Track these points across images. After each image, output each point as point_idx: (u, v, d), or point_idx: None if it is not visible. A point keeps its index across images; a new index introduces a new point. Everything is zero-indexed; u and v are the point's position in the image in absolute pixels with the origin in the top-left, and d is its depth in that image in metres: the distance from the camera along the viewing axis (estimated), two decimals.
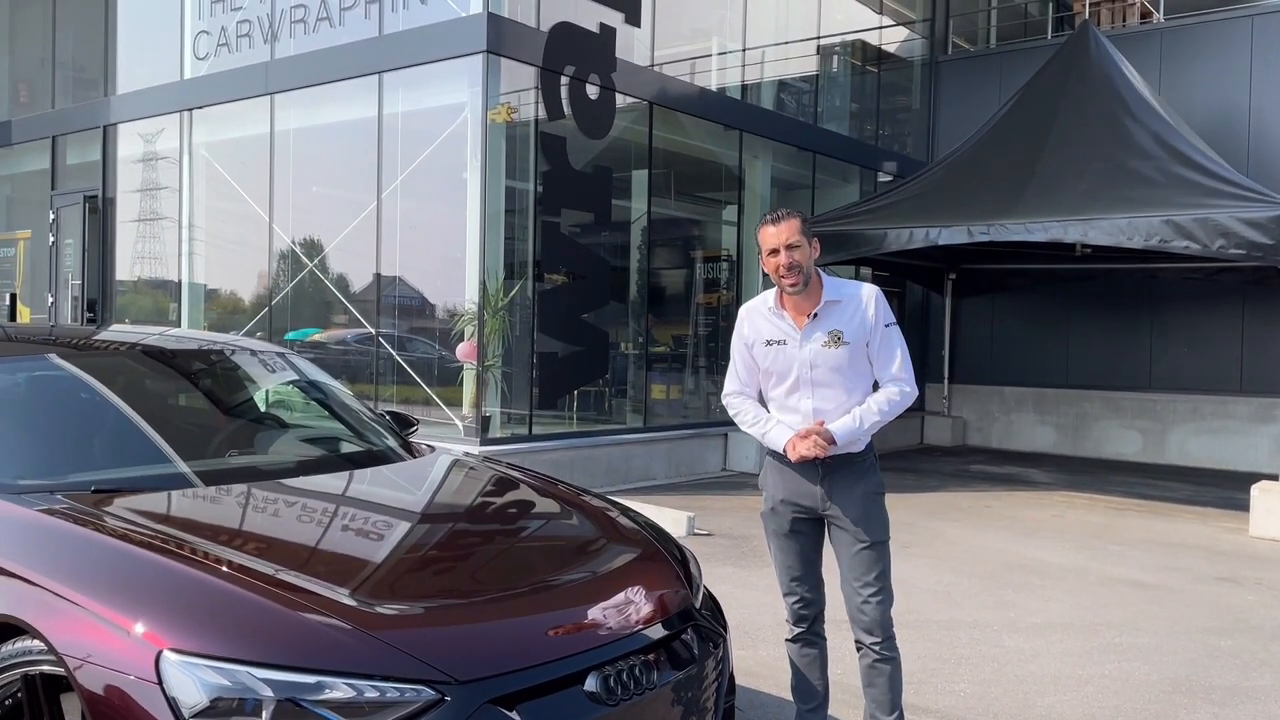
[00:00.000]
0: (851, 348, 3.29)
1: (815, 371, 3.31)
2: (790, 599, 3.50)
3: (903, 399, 3.32)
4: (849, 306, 3.32)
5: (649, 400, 10.65)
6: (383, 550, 3.04)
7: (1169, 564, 7.03)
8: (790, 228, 3.28)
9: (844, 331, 3.29)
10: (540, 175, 9.13)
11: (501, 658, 2.48)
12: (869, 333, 3.30)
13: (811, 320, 3.31)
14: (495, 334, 8.98)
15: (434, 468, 3.92)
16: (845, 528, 3.32)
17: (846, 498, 3.32)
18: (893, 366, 3.33)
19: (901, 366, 3.33)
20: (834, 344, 3.29)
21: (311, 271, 10.40)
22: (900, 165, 13.69)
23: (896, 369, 3.33)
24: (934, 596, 5.97)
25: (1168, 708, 4.32)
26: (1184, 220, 8.36)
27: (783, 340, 3.36)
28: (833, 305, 3.32)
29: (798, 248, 3.26)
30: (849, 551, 3.32)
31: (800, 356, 3.32)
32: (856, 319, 3.30)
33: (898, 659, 3.37)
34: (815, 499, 3.35)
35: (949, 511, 8.84)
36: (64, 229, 12.94)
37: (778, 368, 3.37)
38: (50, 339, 4.26)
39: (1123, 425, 13.01)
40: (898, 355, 3.34)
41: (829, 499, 3.33)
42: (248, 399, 4.27)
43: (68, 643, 2.36)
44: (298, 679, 2.26)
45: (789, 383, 3.36)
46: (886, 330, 3.32)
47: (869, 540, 3.30)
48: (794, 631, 3.52)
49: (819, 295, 3.32)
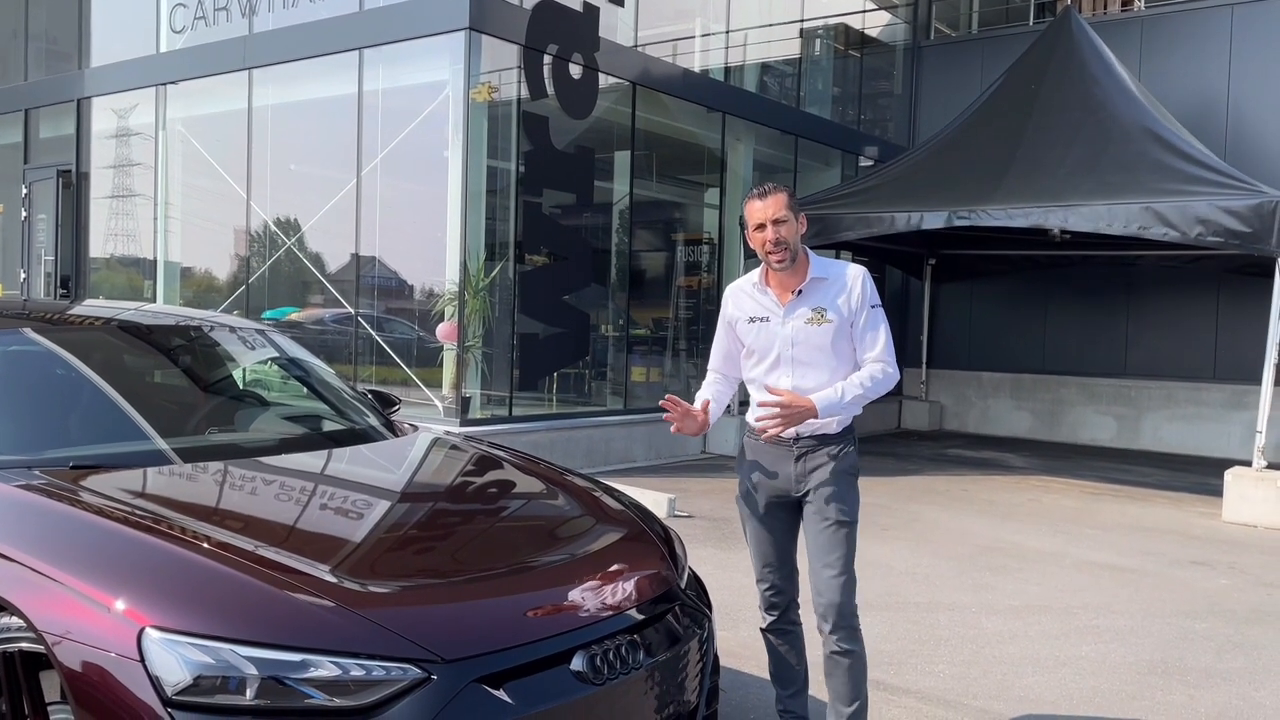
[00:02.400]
0: (835, 326, 3.22)
1: (797, 349, 3.25)
2: (762, 586, 3.43)
3: (885, 379, 3.25)
4: (835, 285, 3.26)
5: (629, 382, 10.64)
6: (367, 529, 3.01)
7: (1144, 548, 7.11)
8: (777, 202, 3.20)
9: (828, 309, 3.23)
10: (522, 155, 9.07)
11: (488, 637, 2.46)
12: (854, 312, 3.24)
13: (796, 297, 3.25)
14: (476, 315, 8.93)
15: (417, 447, 3.89)
16: (815, 505, 3.27)
17: (820, 476, 3.26)
18: (876, 348, 3.27)
19: (885, 348, 3.27)
20: (818, 321, 3.23)
21: (289, 250, 10.30)
22: (882, 150, 13.70)
23: (879, 350, 3.27)
24: (912, 579, 6.00)
25: (1144, 689, 4.37)
26: (1163, 208, 8.42)
27: (765, 317, 3.30)
28: (818, 283, 3.26)
29: (784, 223, 3.19)
30: (815, 529, 3.27)
31: (782, 333, 3.26)
32: (841, 297, 3.24)
33: (858, 652, 3.27)
34: (789, 481, 3.29)
35: (927, 495, 8.89)
36: (37, 204, 12.74)
37: (759, 345, 3.31)
38: (24, 314, 4.18)
39: (1098, 411, 13.13)
40: (881, 337, 3.27)
41: (804, 479, 3.27)
42: (227, 376, 4.21)
43: (47, 619, 2.32)
44: (282, 657, 2.23)
45: (769, 360, 3.30)
46: (872, 311, 3.26)
47: (834, 519, 3.24)
48: (767, 620, 3.45)
49: (805, 272, 3.26)
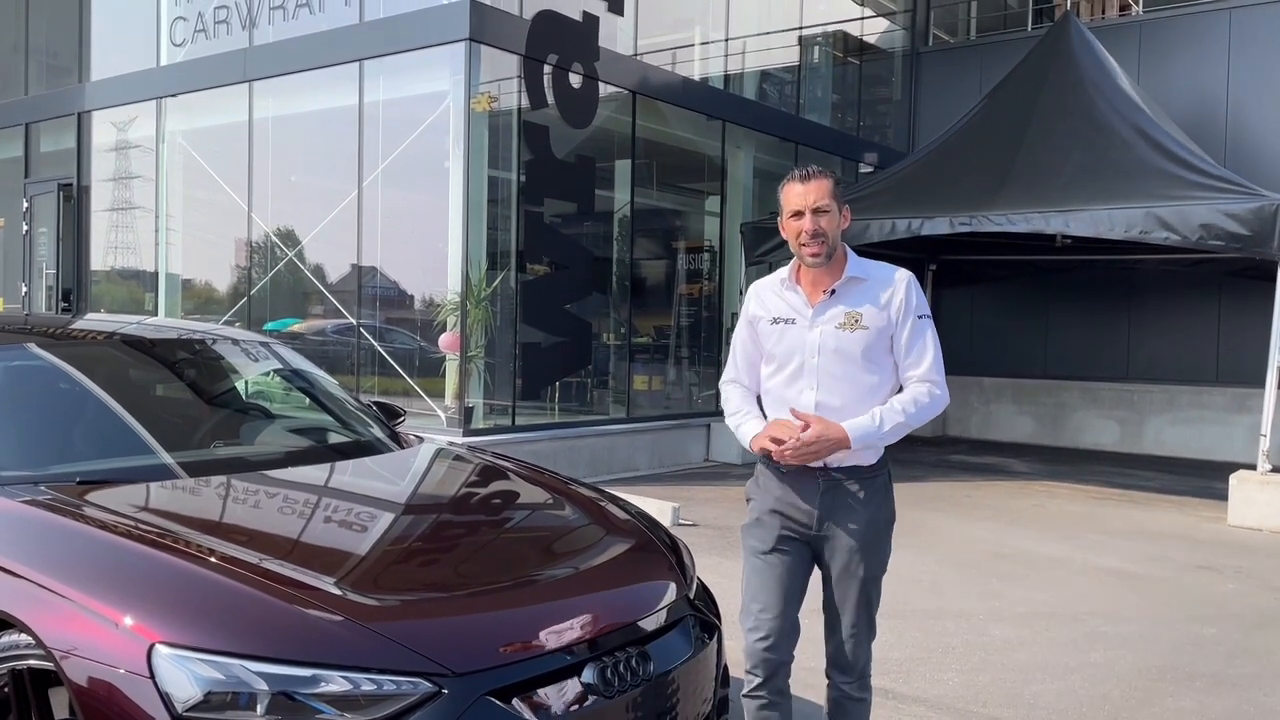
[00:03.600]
0: (870, 334, 2.80)
1: (823, 358, 2.81)
2: (755, 635, 2.86)
3: (932, 402, 2.81)
4: (875, 287, 2.84)
5: (631, 391, 10.63)
6: (375, 542, 3.00)
7: (1150, 553, 7.09)
8: (820, 188, 2.80)
9: (864, 314, 2.80)
10: (523, 164, 9.07)
11: (498, 650, 2.46)
12: (895, 322, 2.81)
13: (828, 297, 2.84)
14: (478, 324, 8.93)
15: (422, 458, 3.88)
16: (838, 556, 2.85)
17: (847, 521, 2.83)
18: (923, 365, 2.82)
19: (933, 365, 2.82)
20: (850, 326, 2.80)
21: (291, 261, 10.30)
22: (881, 156, 13.71)
23: (927, 368, 2.81)
24: (920, 586, 5.99)
25: (1153, 695, 4.35)
26: (1164, 212, 8.43)
27: (790, 318, 2.87)
28: (856, 283, 2.84)
29: (826, 213, 2.79)
30: (842, 587, 2.87)
31: (808, 338, 2.83)
32: (881, 302, 2.82)
33: (868, 701, 2.96)
34: (810, 517, 2.84)
35: (932, 501, 8.88)
36: (38, 217, 12.75)
37: (780, 350, 2.88)
38: (27, 328, 4.18)
39: (1101, 415, 13.12)
40: (930, 352, 2.82)
41: (827, 520, 2.84)
42: (232, 389, 4.21)
43: (56, 636, 2.31)
44: (292, 672, 2.23)
45: (790, 369, 2.86)
46: (919, 321, 2.82)
47: (864, 575, 2.84)
48: (752, 683, 2.88)
49: (841, 270, 2.85)
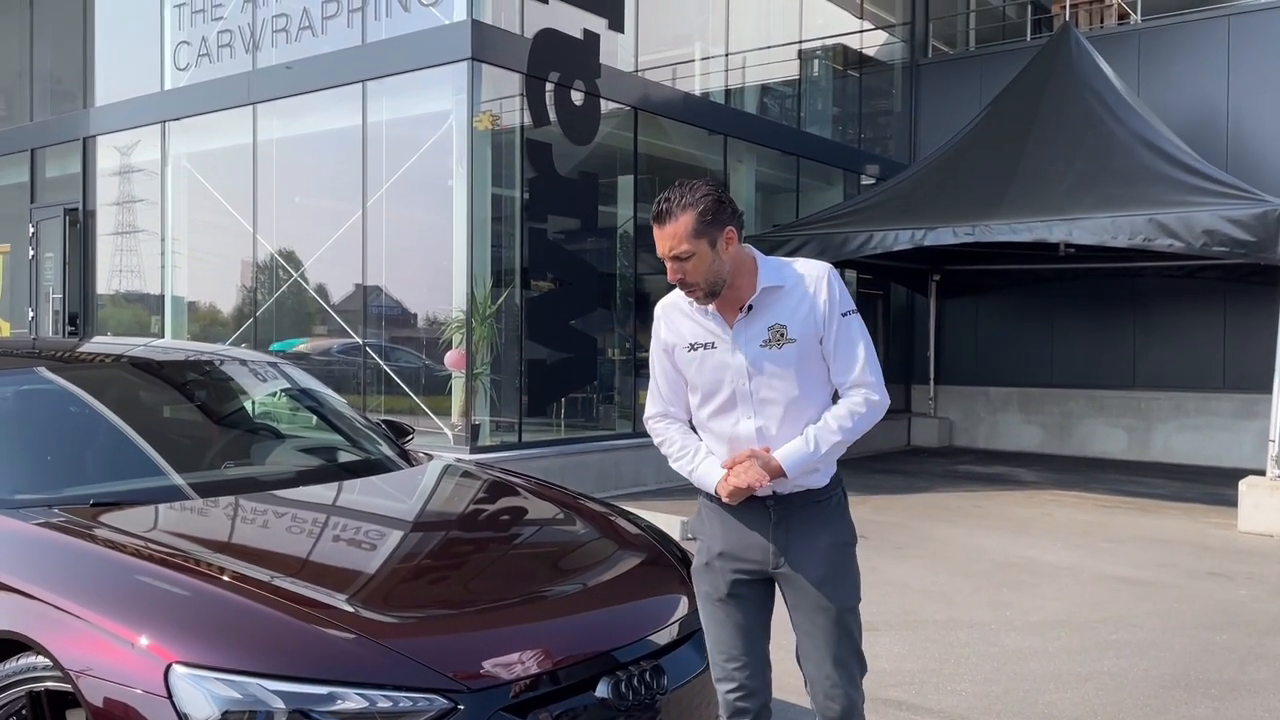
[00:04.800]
0: (800, 346, 2.50)
1: (755, 382, 2.52)
2: (725, 687, 2.63)
3: (869, 410, 2.52)
4: (793, 293, 2.52)
5: (637, 406, 10.63)
6: (387, 559, 3.02)
7: (1161, 560, 7.07)
8: (678, 230, 2.41)
9: (788, 325, 2.50)
10: (526, 182, 9.11)
11: (512, 665, 2.47)
12: (821, 324, 2.50)
13: (745, 315, 2.52)
14: (483, 342, 8.95)
15: (432, 475, 3.90)
16: (804, 591, 2.56)
17: (806, 551, 2.56)
18: (854, 368, 2.52)
19: (865, 367, 2.52)
20: (777, 342, 2.50)
21: (296, 282, 10.34)
22: (883, 168, 13.74)
23: (859, 371, 2.52)
24: (930, 597, 5.98)
25: (1167, 703, 4.34)
26: (1167, 218, 8.44)
27: (709, 343, 2.56)
28: (772, 293, 2.52)
29: (688, 258, 2.42)
30: (809, 621, 2.57)
31: (733, 364, 2.53)
32: (804, 308, 2.51)
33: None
34: (765, 553, 2.58)
35: (939, 512, 8.87)
36: (44, 242, 12.82)
37: (704, 380, 2.58)
38: (35, 352, 4.21)
39: (1108, 423, 13.10)
40: (859, 353, 2.52)
41: (783, 553, 2.56)
42: (241, 410, 4.23)
43: (73, 658, 2.33)
44: (309, 690, 2.24)
45: (721, 399, 2.57)
46: (844, 320, 2.52)
47: (835, 607, 2.55)
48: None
49: (753, 281, 2.52)
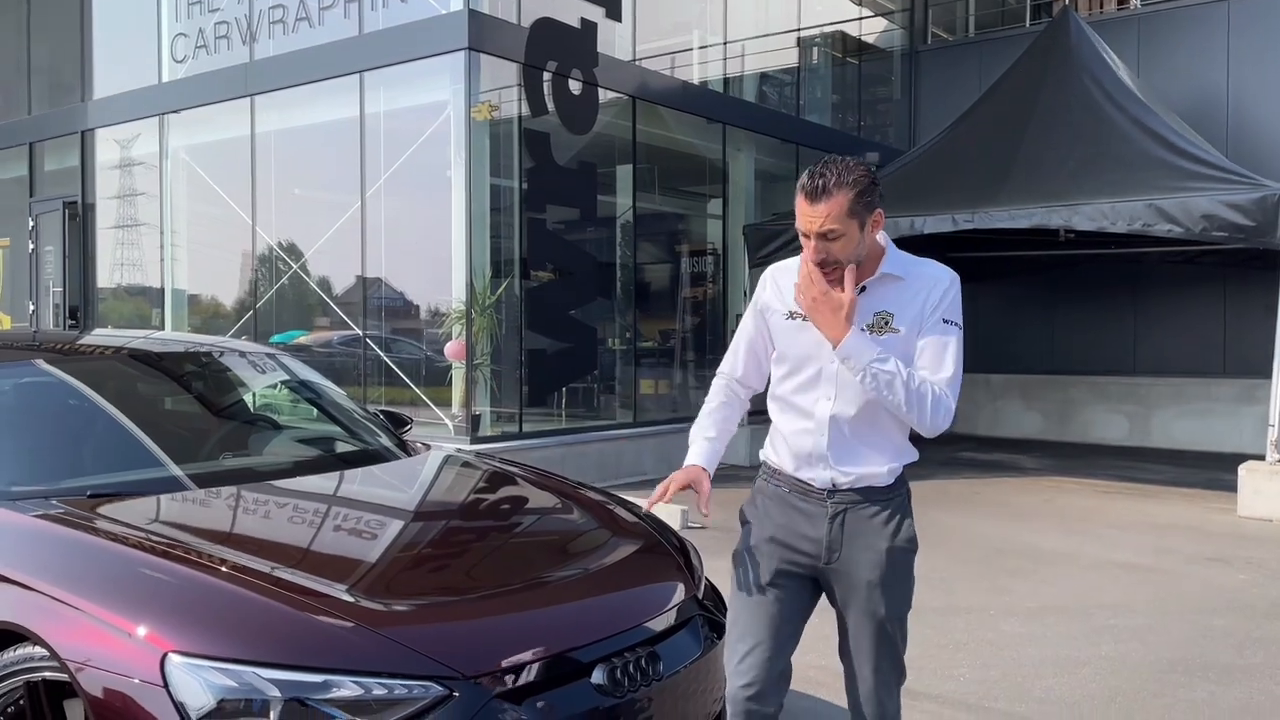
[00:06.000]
0: (901, 339, 2.41)
1: (838, 375, 2.45)
2: (738, 681, 2.47)
3: (935, 403, 2.36)
4: (913, 287, 2.43)
5: (638, 395, 10.64)
6: (384, 548, 3.03)
7: (1160, 546, 7.08)
8: (832, 208, 2.33)
9: (895, 315, 2.41)
10: (525, 172, 9.11)
11: (508, 652, 2.48)
12: (923, 321, 2.42)
13: (858, 294, 2.42)
14: (483, 332, 8.96)
15: (430, 465, 3.90)
16: (855, 591, 2.47)
17: (864, 551, 2.45)
18: (942, 372, 2.39)
19: (951, 379, 2.40)
20: (880, 329, 2.41)
21: (296, 274, 10.34)
22: (883, 155, 13.68)
23: (945, 377, 2.39)
24: (929, 583, 5.98)
25: (1165, 687, 4.35)
26: (1166, 204, 8.42)
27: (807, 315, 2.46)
28: (890, 281, 2.44)
29: (837, 239, 2.35)
30: (856, 623, 2.50)
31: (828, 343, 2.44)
32: (916, 303, 2.42)
33: None
34: (818, 546, 2.48)
35: (939, 499, 8.88)
36: (44, 236, 12.82)
37: (795, 351, 2.50)
38: (35, 344, 4.21)
39: (1108, 410, 13.10)
40: (949, 364, 2.40)
41: (837, 549, 2.46)
42: (239, 401, 4.24)
43: (70, 648, 2.33)
44: (304, 678, 2.25)
45: (806, 375, 2.49)
46: (944, 326, 2.41)
47: (884, 613, 2.46)
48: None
49: (876, 265, 2.44)
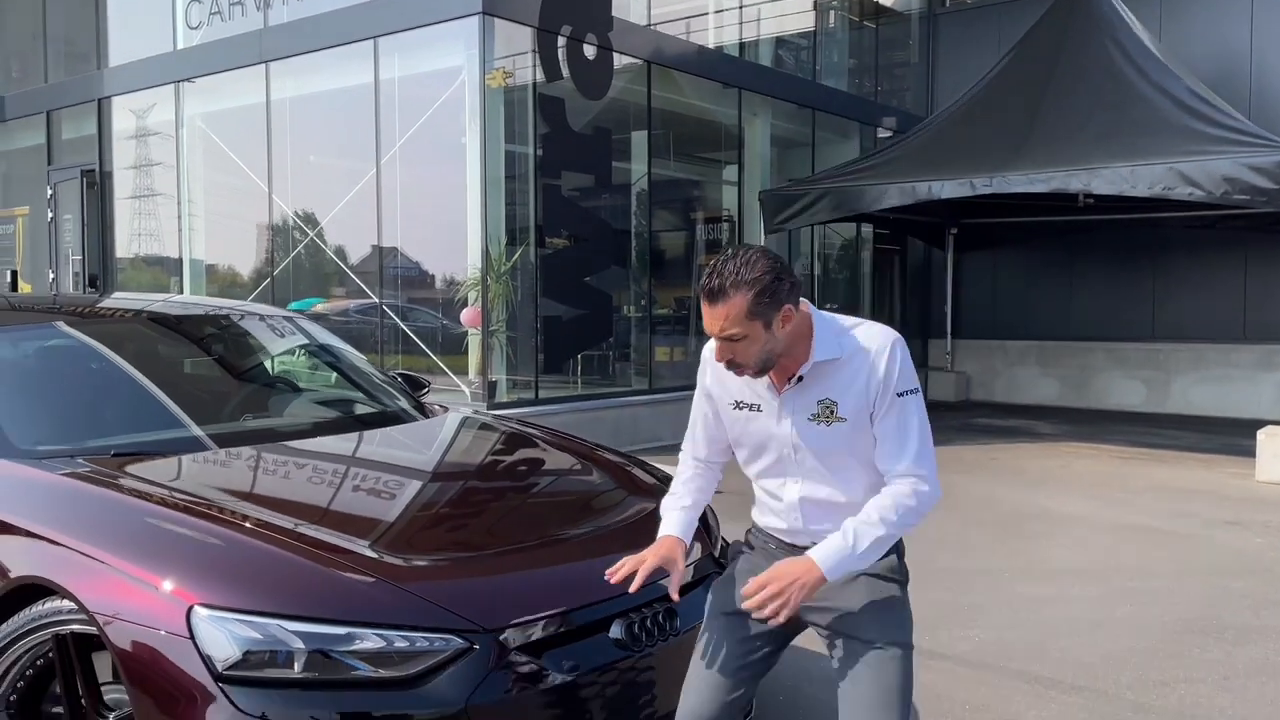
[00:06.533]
0: (851, 425, 2.27)
1: (801, 454, 2.32)
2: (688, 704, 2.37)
3: (919, 503, 2.25)
4: (849, 365, 2.26)
5: (653, 362, 10.65)
6: (405, 506, 3.06)
7: (1177, 510, 7.07)
8: (731, 311, 2.15)
9: (839, 403, 2.26)
10: (539, 138, 9.07)
11: (527, 606, 2.51)
12: (873, 402, 2.25)
13: (794, 385, 2.29)
14: (499, 299, 8.97)
15: (450, 427, 3.94)
16: (841, 630, 2.33)
17: (847, 602, 2.33)
18: (905, 455, 2.25)
19: (916, 456, 2.25)
20: (826, 418, 2.28)
21: (312, 241, 10.36)
22: (900, 120, 13.60)
23: (909, 461, 2.25)
24: (944, 546, 6.00)
25: (1182, 647, 4.36)
26: (1188, 167, 8.33)
27: (755, 404, 2.35)
28: (828, 366, 2.27)
29: (740, 340, 2.18)
30: (857, 669, 2.29)
31: (779, 433, 2.32)
32: (859, 383, 2.25)
33: None
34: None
35: (955, 464, 8.87)
36: (62, 205, 12.88)
37: (749, 441, 2.39)
38: (55, 307, 4.25)
39: (1126, 376, 13.03)
40: (912, 439, 2.25)
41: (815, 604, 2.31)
42: (258, 363, 4.27)
43: (97, 601, 2.37)
44: (328, 630, 2.29)
45: (766, 461, 2.39)
46: (899, 401, 2.25)
47: (881, 641, 2.28)
48: None
49: (807, 349, 2.26)
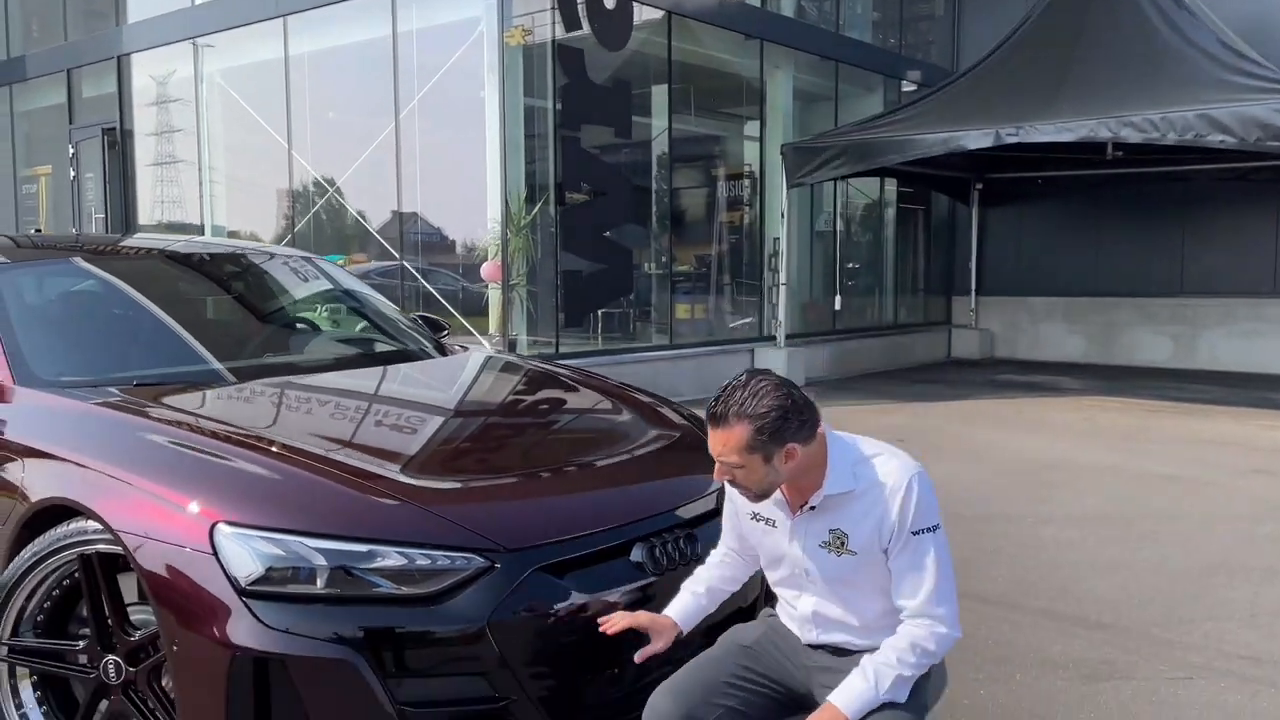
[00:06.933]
0: (861, 559, 2.21)
1: (812, 575, 2.29)
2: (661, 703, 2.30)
3: (937, 646, 2.16)
4: (864, 499, 2.20)
5: (674, 319, 10.61)
6: (428, 434, 3.07)
7: (1205, 459, 7.00)
8: (730, 440, 2.12)
9: (850, 536, 2.21)
10: (559, 90, 8.99)
11: (549, 528, 2.51)
12: (887, 540, 2.18)
13: (806, 512, 2.25)
14: (519, 253, 8.94)
15: (474, 363, 3.96)
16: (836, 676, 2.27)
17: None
18: (918, 595, 2.16)
19: (932, 596, 2.16)
20: (836, 549, 2.23)
21: (332, 199, 10.36)
22: (925, 74, 13.39)
23: (923, 599, 2.16)
24: (966, 493, 5.97)
25: (1206, 588, 4.33)
26: (1220, 113, 8.18)
27: (771, 520, 2.33)
28: (839, 498, 2.21)
29: (739, 468, 2.15)
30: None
31: (790, 553, 2.30)
32: (872, 518, 2.19)
33: None
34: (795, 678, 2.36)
35: (978, 418, 8.82)
36: (84, 163, 12.92)
37: (764, 552, 2.39)
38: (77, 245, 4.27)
39: (1153, 331, 12.88)
40: (927, 578, 2.16)
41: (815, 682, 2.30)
42: (278, 301, 4.27)
43: (123, 521, 2.39)
44: (350, 548, 2.29)
45: (781, 574, 2.37)
46: (915, 540, 2.17)
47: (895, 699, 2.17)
48: None
49: (819, 479, 2.21)
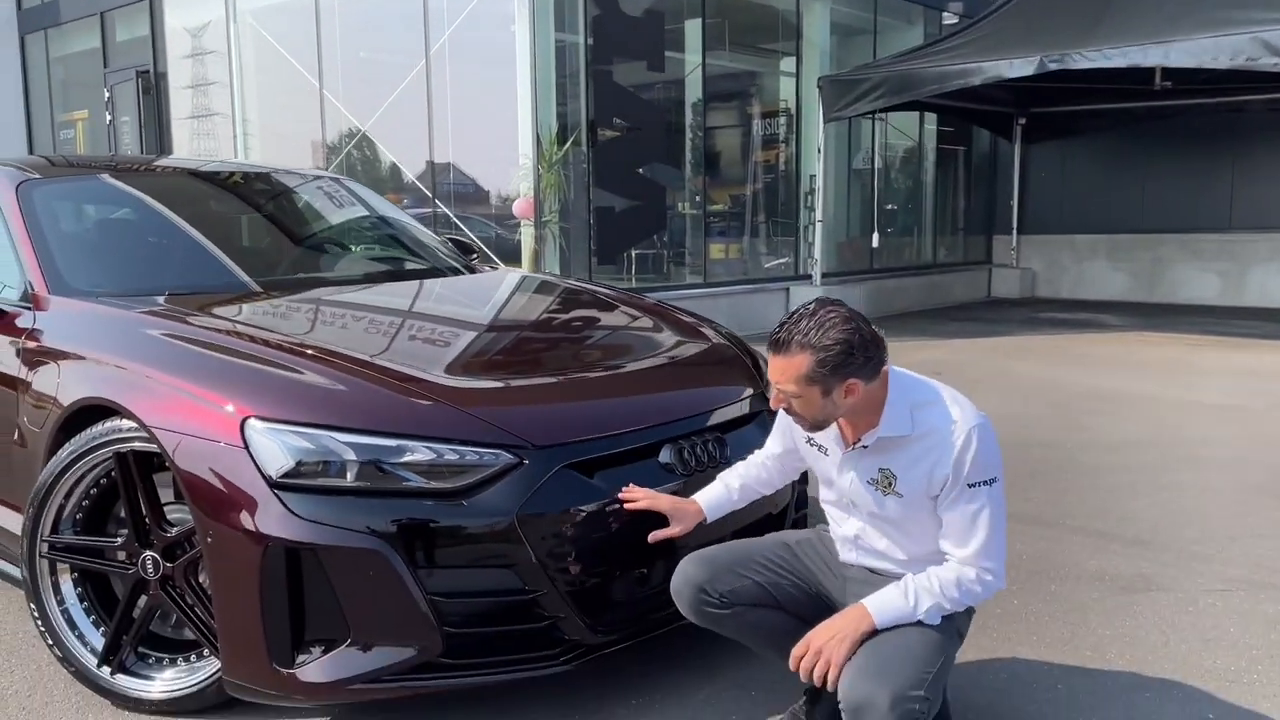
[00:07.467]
0: (907, 501, 2.20)
1: (859, 508, 2.29)
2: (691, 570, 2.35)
3: (984, 589, 2.16)
4: (919, 444, 2.16)
5: (708, 258, 10.53)
6: (461, 340, 3.10)
7: (1250, 389, 6.86)
8: (790, 369, 2.10)
9: (898, 477, 2.18)
10: (591, 20, 8.86)
11: (578, 427, 2.52)
12: (938, 488, 2.15)
13: (859, 449, 2.23)
14: (551, 189, 8.88)
15: (506, 278, 3.96)
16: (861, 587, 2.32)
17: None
18: (969, 546, 2.14)
19: (982, 548, 2.13)
20: (884, 487, 2.21)
21: (364, 138, 10.35)
22: (967, 4, 13.01)
23: (973, 550, 2.14)
24: (1003, 421, 5.90)
25: (1250, 508, 4.25)
26: (1273, 36, 7.87)
27: (824, 448, 2.32)
28: (893, 440, 2.18)
29: (797, 397, 2.13)
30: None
31: (839, 482, 2.30)
32: (924, 465, 2.15)
33: None
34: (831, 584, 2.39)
35: (1019, 352, 8.70)
36: (119, 107, 13.00)
37: (819, 474, 2.40)
38: (110, 164, 4.30)
39: (1200, 268, 12.59)
40: (980, 531, 2.14)
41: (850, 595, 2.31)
42: (308, 220, 4.27)
43: (157, 418, 2.41)
44: (379, 442, 2.30)
45: (831, 496, 2.37)
46: (971, 491, 2.13)
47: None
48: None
49: (876, 419, 2.18)
